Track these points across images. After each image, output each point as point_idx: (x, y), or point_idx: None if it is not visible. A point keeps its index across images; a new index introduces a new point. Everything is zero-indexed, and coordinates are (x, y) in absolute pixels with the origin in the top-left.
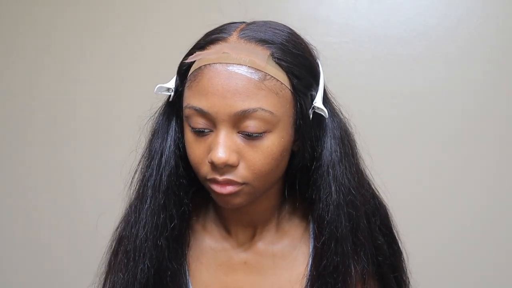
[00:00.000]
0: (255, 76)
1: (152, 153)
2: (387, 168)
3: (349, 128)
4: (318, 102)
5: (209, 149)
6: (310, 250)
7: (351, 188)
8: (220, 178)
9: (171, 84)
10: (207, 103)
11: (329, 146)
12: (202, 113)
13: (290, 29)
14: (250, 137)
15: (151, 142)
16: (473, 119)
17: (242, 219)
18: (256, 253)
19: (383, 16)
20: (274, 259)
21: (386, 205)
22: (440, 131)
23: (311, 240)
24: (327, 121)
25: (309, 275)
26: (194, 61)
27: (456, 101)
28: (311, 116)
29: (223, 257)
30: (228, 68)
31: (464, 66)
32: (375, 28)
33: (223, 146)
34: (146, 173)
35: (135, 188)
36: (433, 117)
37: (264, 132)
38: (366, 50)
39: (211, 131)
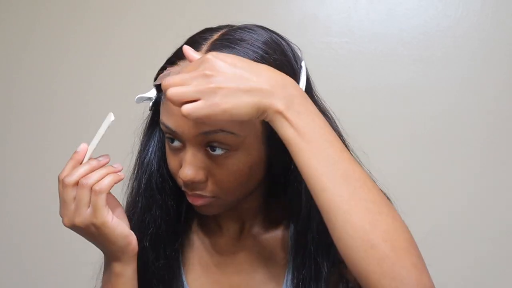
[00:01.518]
0: None
1: (139, 157)
2: (386, 168)
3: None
4: None
5: (181, 164)
6: (288, 249)
7: None
8: (190, 192)
9: (151, 93)
10: (173, 122)
11: None
12: (170, 130)
13: (268, 39)
14: (215, 155)
15: (141, 145)
16: (473, 119)
17: (232, 215)
18: (245, 245)
19: (383, 16)
20: (262, 249)
21: None
22: (440, 131)
23: (290, 241)
24: None
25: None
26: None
27: (456, 101)
28: None
29: (216, 252)
30: None
31: (464, 66)
32: (375, 28)
33: (189, 165)
34: (133, 176)
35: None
36: (433, 117)
37: (228, 150)
38: (366, 50)
39: (184, 145)
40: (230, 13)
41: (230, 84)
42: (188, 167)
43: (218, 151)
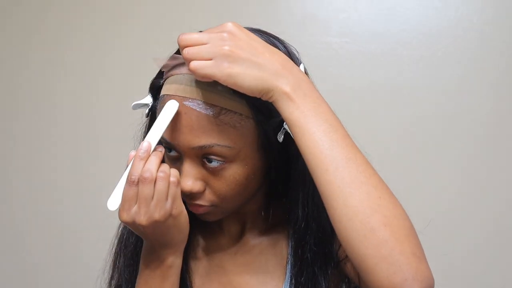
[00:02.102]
0: (210, 111)
1: None
2: (386, 169)
3: None
4: (287, 124)
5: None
6: (288, 252)
7: (324, 211)
8: (188, 202)
9: (147, 100)
10: (169, 135)
11: (301, 166)
12: (166, 142)
13: (265, 42)
14: (211, 167)
15: None
16: (473, 119)
17: (232, 217)
18: (246, 246)
19: (383, 16)
20: (263, 249)
21: None
22: (439, 131)
23: (289, 244)
24: None
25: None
26: (164, 83)
27: (456, 101)
28: (281, 139)
29: (217, 252)
30: (184, 103)
31: (464, 66)
32: (375, 28)
33: (187, 176)
34: None
35: None
36: (432, 117)
37: (224, 162)
38: (366, 50)
39: (181, 155)
40: (229, 13)
41: (242, 53)
42: (185, 178)
43: (214, 163)
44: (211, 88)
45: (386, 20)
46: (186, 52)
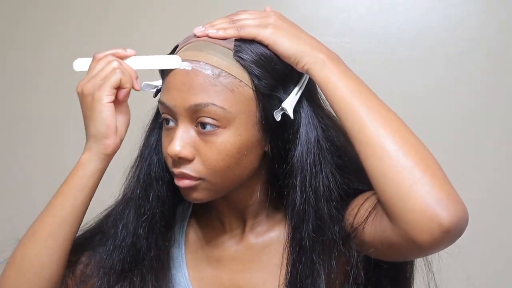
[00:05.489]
0: (210, 72)
1: (141, 148)
2: None
3: (335, 130)
4: (286, 103)
5: None
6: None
7: (322, 198)
8: (175, 171)
9: (158, 83)
10: (168, 97)
11: (299, 151)
12: (165, 106)
13: None
14: (204, 132)
15: (144, 136)
16: (473, 119)
17: (233, 212)
18: (247, 243)
19: (383, 16)
20: (264, 248)
21: None
22: (440, 131)
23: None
24: (301, 123)
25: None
26: None
27: (456, 101)
28: (278, 118)
29: (217, 248)
30: (188, 65)
31: (464, 66)
32: (375, 28)
33: (177, 139)
34: (134, 166)
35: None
36: (433, 117)
37: (218, 127)
38: (366, 50)
39: (177, 125)
40: (229, 13)
41: (285, 25)
42: (176, 142)
43: (208, 128)
44: (215, 52)
45: (386, 20)
46: (237, 17)
